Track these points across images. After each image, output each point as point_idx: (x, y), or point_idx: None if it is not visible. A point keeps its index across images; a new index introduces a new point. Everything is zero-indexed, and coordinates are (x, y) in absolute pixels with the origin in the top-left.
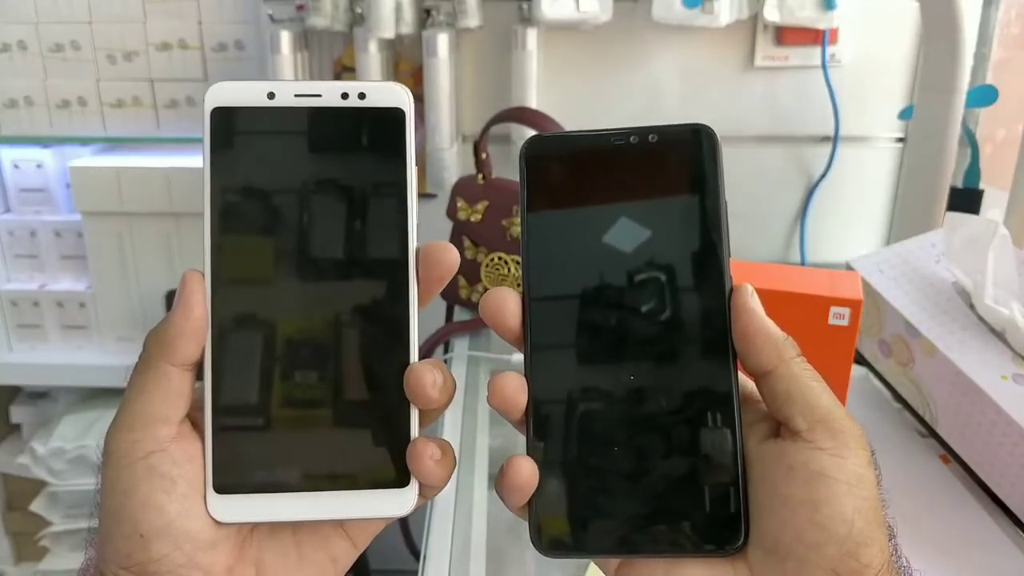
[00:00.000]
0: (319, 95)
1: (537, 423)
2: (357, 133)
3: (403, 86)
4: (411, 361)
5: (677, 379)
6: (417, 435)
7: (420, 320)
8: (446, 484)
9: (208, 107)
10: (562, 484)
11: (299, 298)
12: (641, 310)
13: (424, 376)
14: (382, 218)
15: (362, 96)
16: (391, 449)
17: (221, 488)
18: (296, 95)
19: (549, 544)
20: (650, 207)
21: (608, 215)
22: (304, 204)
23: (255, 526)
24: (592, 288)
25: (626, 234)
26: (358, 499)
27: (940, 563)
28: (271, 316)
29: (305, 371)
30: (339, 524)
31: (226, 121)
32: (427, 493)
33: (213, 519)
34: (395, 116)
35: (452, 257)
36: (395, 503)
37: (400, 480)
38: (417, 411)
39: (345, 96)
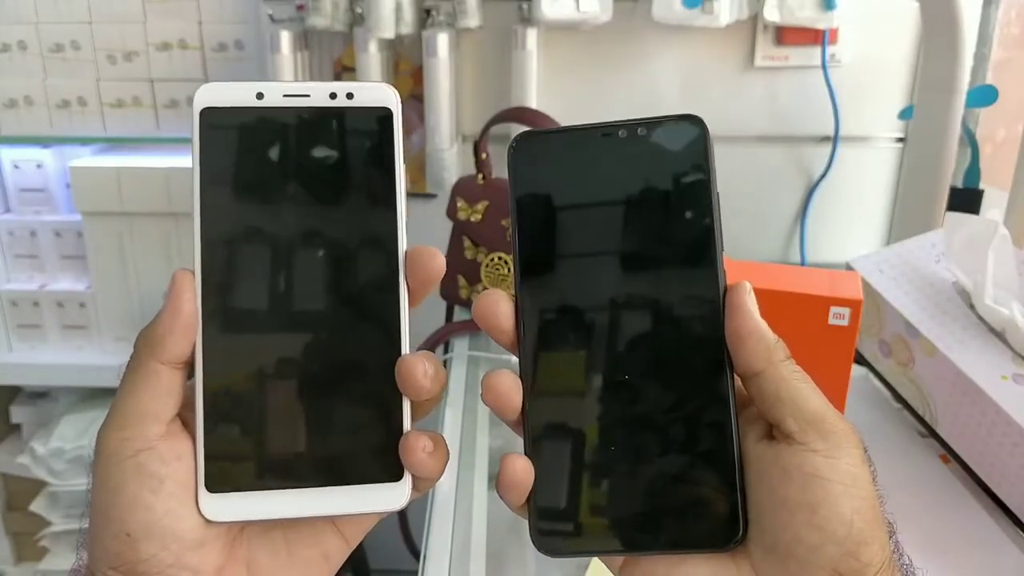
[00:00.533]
0: (308, 95)
1: (533, 422)
2: (346, 133)
3: (391, 86)
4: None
5: (673, 376)
6: (409, 429)
7: (421, 321)
8: (440, 476)
9: (197, 107)
10: (560, 483)
11: (288, 296)
12: (635, 307)
13: (416, 366)
14: (371, 216)
15: (350, 96)
16: (384, 444)
17: (213, 487)
18: (285, 95)
19: (549, 543)
20: (642, 201)
21: (600, 211)
22: (293, 203)
23: (245, 525)
24: (585, 286)
25: (618, 230)
26: (352, 494)
27: (940, 563)
28: (260, 313)
29: (295, 368)
30: (332, 520)
31: (215, 121)
32: (421, 486)
33: (205, 518)
34: (383, 116)
35: (438, 264)
36: (389, 497)
37: (394, 474)
38: (409, 404)
39: (333, 96)
